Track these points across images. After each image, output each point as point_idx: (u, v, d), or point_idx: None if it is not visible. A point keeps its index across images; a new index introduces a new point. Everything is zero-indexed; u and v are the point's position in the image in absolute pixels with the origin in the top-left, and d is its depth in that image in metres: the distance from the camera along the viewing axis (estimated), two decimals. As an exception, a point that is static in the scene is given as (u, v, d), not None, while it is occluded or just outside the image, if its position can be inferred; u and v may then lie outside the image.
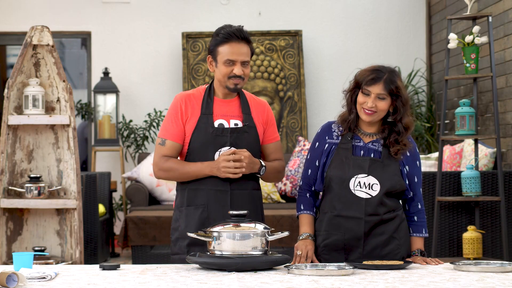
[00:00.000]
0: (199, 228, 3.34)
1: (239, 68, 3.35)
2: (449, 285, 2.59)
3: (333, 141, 3.32)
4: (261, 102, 3.52)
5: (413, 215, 3.33)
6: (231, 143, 3.38)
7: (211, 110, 3.41)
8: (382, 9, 8.67)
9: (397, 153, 3.25)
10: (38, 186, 4.72)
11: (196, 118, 3.40)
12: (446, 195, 5.71)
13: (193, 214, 3.40)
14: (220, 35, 3.38)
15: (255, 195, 3.48)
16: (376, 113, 3.23)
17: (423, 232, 3.33)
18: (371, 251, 3.23)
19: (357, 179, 3.23)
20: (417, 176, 3.33)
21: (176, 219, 3.46)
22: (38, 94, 4.76)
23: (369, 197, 3.22)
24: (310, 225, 3.31)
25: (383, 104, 3.22)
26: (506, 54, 6.32)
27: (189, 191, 3.42)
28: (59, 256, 4.82)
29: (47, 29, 4.75)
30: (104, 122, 8.31)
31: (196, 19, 8.58)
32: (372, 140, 3.29)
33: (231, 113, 3.42)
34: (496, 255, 5.66)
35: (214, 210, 3.37)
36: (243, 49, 3.36)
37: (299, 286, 2.59)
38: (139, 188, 7.56)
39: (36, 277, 2.73)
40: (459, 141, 6.73)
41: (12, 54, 11.11)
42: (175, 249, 3.44)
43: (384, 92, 3.20)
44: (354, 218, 3.23)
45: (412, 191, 3.32)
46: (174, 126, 3.41)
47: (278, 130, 8.41)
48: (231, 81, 3.37)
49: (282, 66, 8.51)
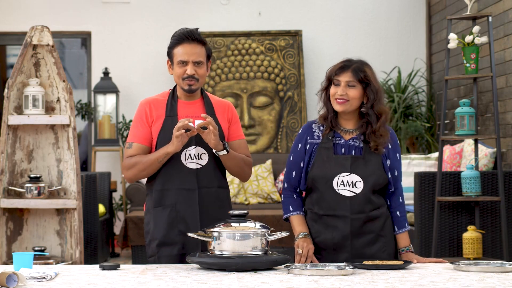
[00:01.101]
0: (168, 228, 3.40)
1: (191, 68, 3.41)
2: (449, 285, 2.59)
3: (314, 141, 3.34)
4: (224, 102, 3.58)
5: (395, 210, 3.33)
6: (197, 142, 3.43)
7: (175, 112, 3.47)
8: (382, 9, 8.67)
9: (377, 148, 3.26)
10: (38, 186, 4.72)
11: (161, 121, 3.46)
12: (446, 195, 5.71)
13: (161, 215, 3.43)
14: (173, 38, 3.48)
15: (222, 193, 3.50)
16: (348, 102, 3.25)
17: (406, 226, 3.34)
18: (359, 249, 3.24)
19: (340, 178, 3.25)
20: (397, 169, 3.34)
21: (147, 222, 3.50)
22: (38, 94, 4.76)
23: (353, 195, 3.24)
24: (304, 224, 3.32)
25: (353, 91, 3.25)
26: (506, 54, 6.32)
27: (156, 192, 3.46)
28: (59, 256, 4.82)
29: (47, 29, 4.75)
30: (104, 122, 8.32)
31: (196, 19, 8.58)
32: (352, 136, 3.31)
33: (195, 114, 3.47)
34: (496, 255, 5.66)
35: (182, 209, 3.41)
36: (194, 49, 3.43)
37: (299, 286, 2.59)
38: (139, 188, 7.56)
39: (36, 277, 2.72)
40: (459, 141, 6.73)
41: (12, 54, 11.10)
42: (149, 251, 3.48)
43: (353, 79, 3.25)
44: (340, 217, 3.24)
45: (394, 184, 3.33)
46: (140, 129, 3.48)
47: (278, 130, 8.42)
48: (185, 82, 3.44)
49: (282, 66, 8.51)
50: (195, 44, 3.44)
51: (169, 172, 3.44)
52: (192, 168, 3.43)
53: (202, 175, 3.43)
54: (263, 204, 7.67)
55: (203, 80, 3.49)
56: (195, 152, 3.43)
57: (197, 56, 3.43)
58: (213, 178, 3.46)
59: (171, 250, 3.40)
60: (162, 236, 3.41)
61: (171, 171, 3.43)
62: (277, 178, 7.86)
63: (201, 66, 3.45)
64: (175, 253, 3.39)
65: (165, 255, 3.39)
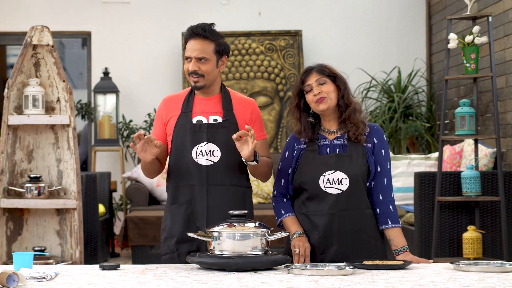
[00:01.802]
0: (185, 225, 3.40)
1: (194, 64, 3.39)
2: (449, 285, 2.59)
3: (301, 146, 3.37)
4: (247, 100, 3.52)
5: (375, 207, 3.31)
6: (208, 139, 3.40)
7: (190, 108, 3.46)
8: (382, 9, 8.67)
9: (357, 138, 3.28)
10: (38, 186, 4.72)
11: (176, 117, 3.47)
12: (446, 195, 5.71)
13: (178, 212, 3.44)
14: (184, 35, 3.50)
15: (237, 191, 3.45)
16: (326, 98, 3.29)
17: (388, 223, 3.29)
18: (347, 248, 3.24)
19: (325, 176, 3.26)
20: (381, 165, 3.32)
21: (164, 219, 3.51)
22: (38, 94, 4.76)
23: (339, 192, 3.25)
24: (298, 224, 3.33)
25: (326, 86, 3.32)
26: (506, 54, 6.32)
27: (172, 189, 3.47)
28: (59, 256, 4.82)
29: (47, 29, 4.75)
30: (104, 122, 8.31)
31: (196, 19, 8.56)
32: (336, 136, 3.33)
33: (211, 109, 3.45)
34: (496, 255, 5.66)
35: (198, 205, 3.40)
36: (197, 45, 3.39)
37: (299, 286, 2.59)
38: (139, 188, 7.56)
39: (36, 277, 2.72)
40: (459, 141, 6.73)
41: (12, 54, 11.11)
42: (164, 249, 3.48)
43: (320, 76, 3.33)
44: (327, 215, 3.25)
45: (375, 180, 3.31)
46: (156, 128, 3.53)
47: (278, 130, 8.41)
48: (190, 79, 3.43)
49: (282, 66, 8.51)
50: (200, 40, 3.39)
51: (181, 169, 3.43)
52: (202, 165, 3.40)
53: (213, 172, 3.39)
54: (263, 204, 7.67)
55: (212, 77, 3.42)
56: (206, 149, 3.39)
57: (199, 52, 3.38)
58: (226, 175, 3.41)
59: (190, 246, 3.39)
60: (179, 233, 3.40)
61: (183, 168, 3.42)
62: (277, 178, 7.86)
63: (205, 63, 3.39)
64: (194, 249, 3.38)
65: (184, 251, 3.39)
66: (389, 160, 3.36)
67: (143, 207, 7.41)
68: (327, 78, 3.34)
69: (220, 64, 3.45)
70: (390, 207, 3.31)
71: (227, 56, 3.48)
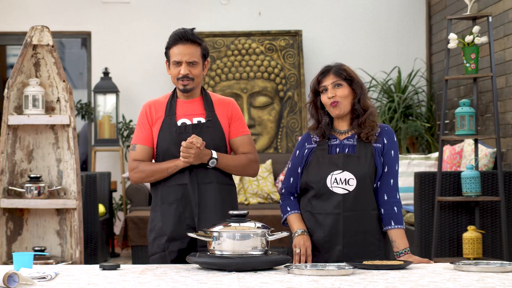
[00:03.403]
0: (176, 223, 3.47)
1: (185, 68, 3.47)
2: (449, 285, 2.59)
3: (312, 146, 3.38)
4: (226, 100, 3.62)
5: (380, 207, 3.31)
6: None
7: (174, 111, 3.53)
8: (382, 9, 8.67)
9: (367, 138, 3.27)
10: (38, 186, 4.72)
11: (161, 121, 3.53)
12: (446, 195, 5.71)
13: (168, 211, 3.50)
14: (169, 39, 3.53)
15: (224, 189, 3.53)
16: (340, 103, 3.29)
17: (391, 224, 3.29)
18: (351, 248, 3.23)
19: (333, 176, 3.26)
20: (389, 166, 3.32)
21: (152, 220, 3.58)
22: (38, 94, 4.76)
23: (346, 192, 3.25)
24: (302, 221, 3.34)
25: (341, 90, 3.30)
26: (506, 54, 6.32)
27: (161, 189, 3.53)
28: (59, 256, 4.82)
29: (47, 29, 4.75)
30: (104, 122, 8.32)
31: (196, 19, 8.58)
32: (346, 136, 3.34)
33: (194, 111, 3.54)
34: (496, 255, 5.66)
35: (188, 204, 3.47)
36: (188, 49, 3.48)
37: (299, 286, 2.59)
38: (139, 188, 7.56)
39: (36, 277, 2.72)
40: (459, 141, 6.73)
41: (12, 54, 11.11)
42: (154, 249, 3.54)
43: (337, 79, 3.31)
44: (333, 214, 3.25)
45: (381, 181, 3.31)
46: (142, 131, 3.57)
47: (278, 130, 8.41)
48: (180, 82, 3.51)
49: (282, 66, 8.51)
50: (189, 45, 3.49)
51: None
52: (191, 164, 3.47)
53: (199, 170, 3.48)
54: (263, 204, 7.67)
55: (199, 80, 3.54)
56: None
57: (191, 56, 3.48)
58: (213, 173, 3.50)
59: (180, 244, 3.46)
60: (170, 231, 3.47)
61: None
62: (277, 178, 7.86)
63: (195, 66, 3.50)
64: (184, 246, 3.46)
65: (175, 249, 3.46)
66: (398, 161, 3.36)
67: (143, 207, 7.42)
68: (344, 81, 3.32)
69: (204, 67, 3.57)
70: (394, 208, 3.31)
71: (209, 59, 3.61)
